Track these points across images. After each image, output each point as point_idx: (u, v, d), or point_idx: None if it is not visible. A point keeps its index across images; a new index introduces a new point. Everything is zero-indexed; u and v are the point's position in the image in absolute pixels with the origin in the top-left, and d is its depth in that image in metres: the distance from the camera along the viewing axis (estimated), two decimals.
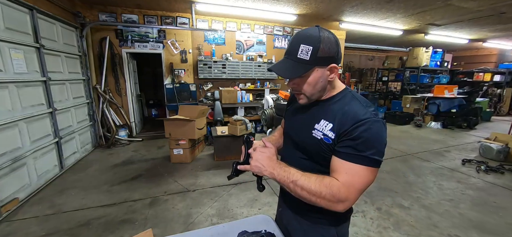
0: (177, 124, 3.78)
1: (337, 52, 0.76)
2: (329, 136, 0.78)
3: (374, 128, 0.72)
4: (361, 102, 0.78)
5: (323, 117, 0.82)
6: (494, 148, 4.09)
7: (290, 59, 0.78)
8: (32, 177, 2.92)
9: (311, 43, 0.73)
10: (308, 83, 0.78)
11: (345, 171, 0.73)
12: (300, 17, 5.45)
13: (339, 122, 0.77)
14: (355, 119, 0.73)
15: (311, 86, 0.79)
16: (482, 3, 4.48)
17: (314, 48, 0.73)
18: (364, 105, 0.77)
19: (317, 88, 0.80)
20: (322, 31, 0.75)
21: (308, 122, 0.86)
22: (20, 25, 2.89)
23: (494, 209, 2.62)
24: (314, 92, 0.81)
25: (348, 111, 0.76)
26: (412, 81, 8.52)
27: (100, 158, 4.13)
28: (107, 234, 2.19)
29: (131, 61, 5.50)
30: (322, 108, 0.85)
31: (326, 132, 0.79)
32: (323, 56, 0.74)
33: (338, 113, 0.78)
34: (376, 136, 0.72)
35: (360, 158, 0.72)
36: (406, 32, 6.85)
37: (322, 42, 0.73)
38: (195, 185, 3.13)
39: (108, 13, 4.79)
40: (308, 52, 0.73)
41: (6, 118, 2.57)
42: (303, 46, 0.74)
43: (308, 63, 0.74)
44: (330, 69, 0.77)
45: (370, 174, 0.73)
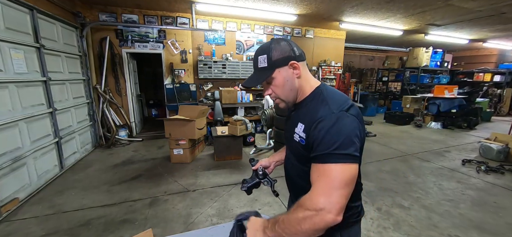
0: (177, 124, 3.79)
1: (292, 50, 0.83)
2: (303, 137, 0.82)
3: (332, 122, 0.73)
4: (328, 102, 0.79)
5: (299, 120, 0.86)
6: (494, 148, 4.09)
7: (255, 71, 0.88)
8: (32, 177, 2.92)
9: (264, 52, 0.84)
10: (275, 85, 0.85)
11: (317, 175, 0.73)
12: (300, 17, 5.46)
13: (307, 122, 0.81)
14: (314, 119, 0.77)
15: (280, 87, 0.85)
16: (482, 3, 4.48)
17: (268, 55, 0.82)
18: (330, 105, 0.78)
19: (286, 87, 0.85)
20: (274, 40, 0.85)
21: (291, 127, 0.90)
22: (20, 25, 2.89)
23: (494, 209, 2.62)
24: (286, 93, 0.86)
25: (312, 112, 0.81)
26: (412, 81, 8.53)
27: (100, 158, 4.13)
28: (107, 234, 2.19)
29: (131, 61, 5.50)
30: (297, 112, 0.90)
31: (300, 134, 0.83)
32: (278, 57, 0.82)
33: (307, 113, 0.83)
34: (336, 129, 0.71)
35: (325, 157, 0.71)
36: (406, 32, 6.85)
37: (272, 49, 0.82)
38: (195, 185, 3.13)
39: (108, 13, 4.79)
40: (264, 60, 0.83)
41: (6, 118, 2.58)
42: (260, 57, 0.84)
43: (267, 68, 0.83)
44: (291, 66, 0.83)
45: (344, 170, 0.69)
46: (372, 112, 8.45)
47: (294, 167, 0.94)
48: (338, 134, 0.71)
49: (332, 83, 6.91)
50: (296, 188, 0.99)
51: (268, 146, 4.57)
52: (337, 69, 7.14)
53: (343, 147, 0.70)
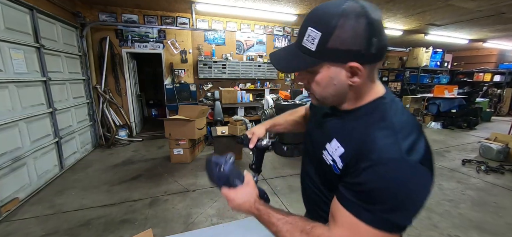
0: (177, 124, 3.78)
1: (366, 42, 0.50)
2: (338, 165, 0.58)
3: (393, 174, 0.48)
4: (393, 127, 0.52)
5: (336, 135, 0.61)
6: (494, 148, 4.09)
7: (294, 47, 0.59)
8: (32, 177, 2.92)
9: (322, 26, 0.51)
10: (316, 82, 0.58)
11: (341, 221, 0.53)
12: (300, 17, 5.45)
13: (353, 149, 0.55)
14: (368, 155, 0.51)
15: (320, 87, 0.58)
16: (482, 3, 4.48)
17: (323, 35, 0.51)
18: (395, 134, 0.51)
19: (328, 91, 0.58)
20: (350, 10, 0.50)
21: (321, 137, 0.67)
22: (20, 25, 2.89)
23: (494, 209, 2.62)
24: (325, 94, 0.60)
25: (363, 135, 0.54)
26: (412, 81, 8.52)
27: (100, 158, 4.13)
28: (107, 234, 2.19)
29: (131, 61, 5.50)
30: (338, 123, 0.63)
31: (335, 157, 0.59)
32: (336, 47, 0.51)
33: (356, 135, 0.56)
34: (395, 186, 0.47)
35: (364, 212, 0.49)
36: (406, 32, 6.85)
37: (338, 27, 0.50)
38: (195, 185, 3.13)
39: (108, 13, 4.79)
40: (314, 40, 0.52)
41: (6, 118, 2.58)
42: (311, 30, 0.53)
43: (313, 54, 0.54)
44: (350, 70, 0.54)
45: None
46: None
47: (316, 187, 0.72)
48: (396, 194, 0.48)
49: None
50: (314, 208, 0.76)
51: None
52: None
53: (395, 213, 0.48)
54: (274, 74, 6.24)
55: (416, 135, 0.52)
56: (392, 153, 0.49)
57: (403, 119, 0.55)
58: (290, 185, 3.07)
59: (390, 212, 0.48)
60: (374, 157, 0.50)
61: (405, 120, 0.55)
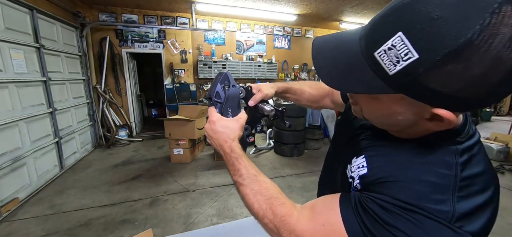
0: (177, 124, 3.78)
1: (486, 94, 0.31)
2: (357, 184, 0.45)
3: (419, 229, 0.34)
4: (456, 172, 0.36)
5: (368, 152, 0.47)
6: (494, 148, 4.09)
7: (360, 48, 0.37)
8: (32, 177, 2.92)
9: (431, 45, 0.29)
10: (371, 108, 0.43)
11: (320, 216, 0.44)
12: (300, 17, 5.46)
13: (375, 170, 0.42)
14: (400, 196, 0.36)
15: (374, 114, 0.43)
16: None
17: (422, 61, 0.30)
18: (447, 189, 0.35)
19: (384, 121, 0.44)
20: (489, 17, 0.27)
21: (350, 150, 0.52)
22: (20, 25, 2.89)
23: None
24: (377, 121, 0.45)
25: (403, 173, 0.39)
26: None
27: (100, 158, 4.13)
28: (107, 234, 2.19)
29: (131, 61, 5.50)
30: (371, 137, 0.50)
31: (355, 175, 0.46)
32: (429, 86, 0.31)
33: (391, 163, 0.42)
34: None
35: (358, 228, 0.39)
36: None
37: (438, 52, 0.29)
38: (195, 185, 3.13)
39: (108, 13, 4.79)
40: (400, 60, 0.31)
41: (6, 118, 2.58)
42: (402, 41, 0.30)
43: (387, 80, 0.34)
44: (431, 115, 0.35)
45: None
46: None
47: (333, 184, 0.59)
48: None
49: None
50: None
51: (268, 146, 4.57)
52: None
53: None
54: (274, 74, 6.24)
55: (486, 198, 0.37)
56: (428, 202, 0.34)
57: (477, 171, 0.37)
58: (290, 185, 3.07)
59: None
60: (402, 197, 0.36)
61: (480, 172, 0.38)
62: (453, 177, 0.36)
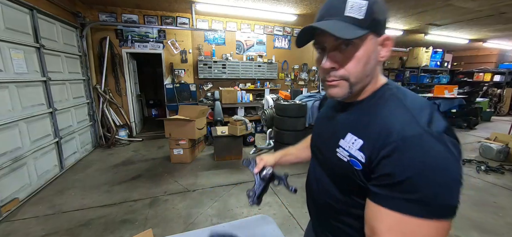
0: (177, 124, 3.79)
1: (387, 16, 0.55)
2: (358, 159, 0.52)
3: (427, 154, 0.44)
4: (408, 106, 0.51)
5: (349, 129, 0.57)
6: (494, 148, 4.09)
7: (337, 20, 0.52)
8: (32, 177, 2.92)
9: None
10: (357, 58, 0.53)
11: (387, 226, 0.46)
12: (300, 17, 5.45)
13: (370, 137, 0.51)
14: (389, 137, 0.47)
15: (360, 63, 0.53)
16: (482, 3, 4.48)
17: (369, 4, 0.50)
18: (409, 110, 0.49)
19: (366, 69, 0.54)
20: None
21: (332, 137, 0.62)
22: (20, 25, 2.89)
23: (494, 209, 2.62)
24: (361, 76, 0.55)
25: (383, 122, 0.51)
26: (412, 81, 8.52)
27: (100, 158, 4.13)
28: (107, 234, 2.20)
29: (131, 61, 5.50)
30: (348, 116, 0.60)
31: (353, 152, 0.54)
32: (379, 18, 0.51)
33: (370, 123, 0.53)
34: (436, 166, 0.43)
35: (411, 206, 0.44)
36: (406, 32, 6.85)
37: (377, 1, 0.51)
38: (195, 185, 3.13)
39: (108, 13, 4.79)
40: (361, 8, 0.50)
41: (6, 118, 2.58)
42: (353, 1, 0.50)
43: (362, 23, 0.50)
44: (383, 43, 0.54)
45: (437, 229, 0.44)
46: None
47: (326, 192, 0.65)
48: (441, 177, 0.43)
49: None
50: (329, 223, 0.68)
51: (268, 146, 4.57)
52: None
53: (445, 196, 0.44)
54: (274, 74, 6.24)
55: (431, 109, 0.49)
56: (412, 130, 0.46)
57: (413, 98, 0.53)
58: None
59: (442, 197, 0.43)
60: (394, 138, 0.46)
61: (415, 98, 0.53)
62: (405, 107, 0.51)
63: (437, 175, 0.43)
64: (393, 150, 0.46)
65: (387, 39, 0.54)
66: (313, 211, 0.77)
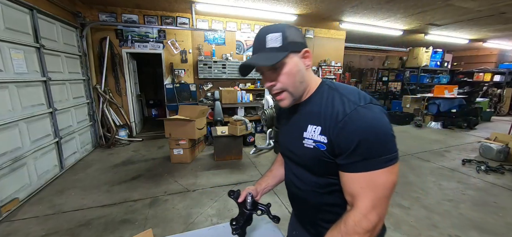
0: (177, 124, 3.78)
1: (303, 38, 0.72)
2: (322, 141, 0.67)
3: (363, 119, 0.60)
4: (346, 95, 0.67)
5: (308, 122, 0.72)
6: (494, 148, 4.09)
7: (262, 52, 0.70)
8: (32, 177, 2.92)
9: (278, 30, 0.68)
10: (286, 73, 0.69)
11: (359, 186, 0.62)
12: (300, 17, 5.45)
13: (325, 122, 0.67)
14: (338, 118, 0.64)
15: (291, 76, 0.69)
16: (482, 3, 4.48)
17: (283, 33, 0.67)
18: (349, 98, 0.66)
19: (298, 78, 0.70)
20: (284, 23, 0.72)
21: (296, 133, 0.76)
22: (20, 25, 2.89)
23: (494, 209, 2.62)
24: (297, 84, 0.71)
25: (330, 109, 0.67)
26: (412, 81, 8.52)
27: (100, 158, 4.13)
28: (107, 234, 2.19)
29: (131, 61, 5.50)
30: (303, 113, 0.76)
31: (316, 138, 0.68)
32: (294, 40, 0.68)
33: (321, 112, 0.69)
34: (373, 126, 0.60)
35: (369, 164, 0.60)
36: (406, 32, 6.85)
37: (287, 28, 0.69)
38: (195, 185, 3.13)
39: (108, 13, 4.79)
40: (277, 39, 0.67)
41: (6, 118, 2.58)
42: (271, 35, 0.68)
43: (281, 49, 0.67)
44: (304, 55, 0.70)
45: (392, 173, 0.61)
46: None
47: (305, 182, 0.78)
48: (377, 133, 0.60)
49: None
50: (310, 209, 0.82)
51: (268, 146, 4.57)
52: (337, 69, 7.14)
53: (387, 148, 0.60)
54: None
55: (357, 92, 0.68)
56: (350, 107, 0.63)
57: (344, 87, 0.71)
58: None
59: (386, 148, 0.60)
60: (340, 117, 0.63)
61: (345, 86, 0.71)
62: (341, 94, 0.68)
63: (376, 132, 0.60)
64: (343, 126, 0.62)
65: (306, 52, 0.70)
66: (299, 204, 0.88)
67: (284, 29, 0.68)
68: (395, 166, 0.62)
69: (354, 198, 0.64)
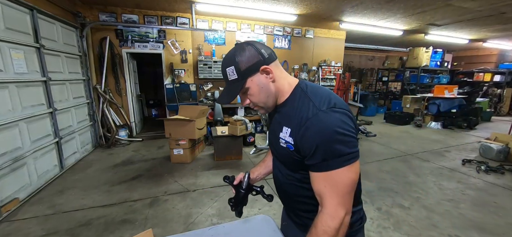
0: (177, 124, 3.79)
1: (259, 54, 0.75)
2: (290, 142, 0.75)
3: (321, 125, 0.66)
4: (312, 99, 0.73)
5: (284, 123, 0.79)
6: (494, 148, 4.09)
7: (227, 84, 0.81)
8: (32, 177, 2.92)
9: (231, 63, 0.75)
10: (251, 95, 0.79)
11: (323, 185, 0.70)
12: (300, 17, 5.45)
13: (293, 125, 0.74)
14: (300, 121, 0.71)
15: (256, 95, 0.79)
16: (482, 3, 4.48)
17: (235, 66, 0.75)
18: (314, 102, 0.71)
19: (262, 95, 0.79)
20: (237, 47, 0.77)
21: (276, 132, 0.83)
22: (20, 25, 2.89)
23: (494, 209, 2.62)
24: (263, 99, 0.80)
25: (297, 113, 0.73)
26: (412, 81, 8.53)
27: (100, 158, 4.13)
28: (107, 234, 2.19)
29: (131, 61, 5.50)
30: (280, 114, 0.83)
31: (287, 139, 0.76)
32: (247, 66, 0.74)
33: (291, 115, 0.76)
34: (330, 130, 0.65)
35: (328, 164, 0.67)
36: (406, 32, 6.85)
37: (238, 58, 0.75)
38: (195, 185, 3.13)
39: (108, 13, 4.79)
40: (233, 72, 0.75)
41: (7, 118, 2.58)
42: (228, 69, 0.76)
43: (238, 79, 0.76)
44: (263, 71, 0.76)
45: (351, 170, 0.67)
46: (372, 112, 8.45)
47: (285, 176, 0.87)
48: (334, 135, 0.65)
49: (332, 83, 6.92)
50: (290, 200, 0.92)
51: (268, 146, 4.57)
52: (337, 69, 7.14)
53: (344, 148, 0.66)
54: None
55: (326, 95, 0.73)
56: (312, 112, 0.69)
57: (315, 90, 0.76)
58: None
59: (342, 148, 0.65)
60: (303, 122, 0.70)
61: (317, 90, 0.76)
62: (309, 99, 0.74)
63: (332, 135, 0.65)
64: (305, 129, 0.69)
65: (264, 68, 0.76)
66: (282, 196, 0.95)
67: (235, 61, 0.75)
68: (354, 165, 0.68)
69: (321, 197, 0.71)
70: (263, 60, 0.75)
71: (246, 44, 0.77)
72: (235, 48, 0.78)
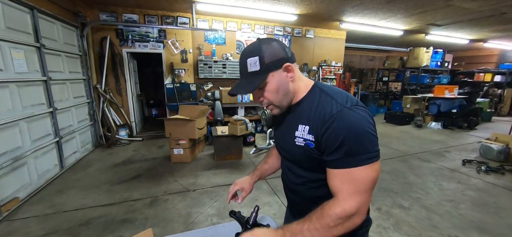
0: (177, 123, 3.79)
1: (284, 51, 0.75)
2: (310, 140, 0.74)
3: (348, 120, 0.66)
4: (334, 97, 0.73)
5: (299, 122, 0.78)
6: (495, 148, 4.08)
7: (244, 77, 0.78)
8: (32, 177, 2.92)
9: (255, 53, 0.74)
10: (269, 91, 0.77)
11: (340, 181, 0.69)
12: (300, 17, 5.45)
13: (313, 122, 0.73)
14: (324, 118, 0.70)
15: (274, 92, 0.77)
16: (483, 3, 4.47)
17: (260, 57, 0.73)
18: (337, 100, 0.72)
19: (280, 92, 0.77)
20: (263, 40, 0.76)
21: (289, 132, 0.82)
22: (20, 24, 2.89)
23: (494, 210, 2.62)
24: (280, 98, 0.78)
25: (319, 110, 0.73)
26: (412, 81, 8.52)
27: (101, 157, 4.13)
28: (107, 233, 2.20)
29: (132, 61, 5.50)
30: (295, 113, 0.82)
31: (306, 136, 0.76)
32: (272, 60, 0.73)
33: (311, 113, 0.75)
34: (356, 127, 0.66)
35: (350, 161, 0.66)
36: (407, 32, 6.84)
37: (264, 50, 0.73)
38: (195, 184, 3.13)
39: (109, 13, 4.79)
40: (256, 63, 0.73)
41: (7, 118, 2.58)
42: (250, 60, 0.74)
43: (260, 72, 0.74)
44: (285, 69, 0.75)
45: (372, 170, 0.66)
46: (372, 112, 8.36)
47: (297, 176, 0.85)
48: (360, 133, 0.65)
49: (332, 83, 6.91)
50: (300, 200, 0.90)
51: (268, 146, 4.57)
52: (338, 69, 7.14)
53: (368, 146, 0.65)
54: None
55: (346, 95, 0.74)
56: (336, 109, 0.69)
57: (334, 90, 0.77)
58: None
59: (366, 147, 0.65)
60: (327, 117, 0.69)
61: (335, 90, 0.77)
62: (330, 96, 0.74)
63: (360, 131, 0.66)
64: (329, 125, 0.68)
65: (287, 66, 0.75)
66: (291, 196, 0.95)
67: (261, 52, 0.73)
68: (375, 164, 0.67)
69: (336, 191, 0.71)
70: (287, 57, 0.75)
71: (271, 39, 0.76)
72: (260, 40, 0.76)
